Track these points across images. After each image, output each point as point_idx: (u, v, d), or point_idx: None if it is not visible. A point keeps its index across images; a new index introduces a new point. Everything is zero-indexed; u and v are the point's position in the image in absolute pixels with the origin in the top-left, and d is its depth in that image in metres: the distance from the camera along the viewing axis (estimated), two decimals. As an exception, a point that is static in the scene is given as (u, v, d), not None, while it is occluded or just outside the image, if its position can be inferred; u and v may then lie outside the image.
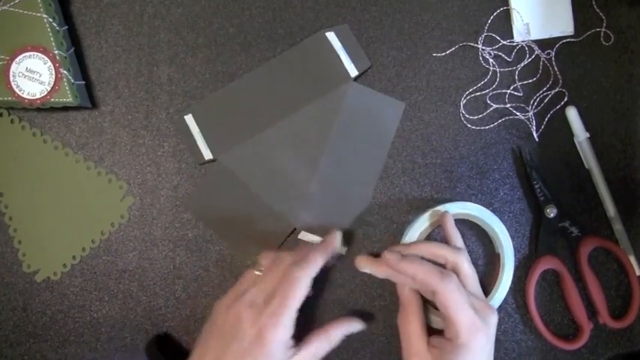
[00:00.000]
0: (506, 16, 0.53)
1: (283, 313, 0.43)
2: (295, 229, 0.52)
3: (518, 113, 0.52)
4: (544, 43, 0.53)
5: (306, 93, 0.52)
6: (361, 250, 0.52)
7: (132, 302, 0.53)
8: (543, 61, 0.53)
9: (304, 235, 0.52)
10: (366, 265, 0.48)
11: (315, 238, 0.52)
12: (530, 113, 0.52)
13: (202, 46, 0.53)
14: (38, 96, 0.50)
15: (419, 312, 0.46)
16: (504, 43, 0.53)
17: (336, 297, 0.52)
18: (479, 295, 0.47)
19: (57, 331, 0.53)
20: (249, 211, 0.52)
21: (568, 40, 0.53)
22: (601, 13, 0.53)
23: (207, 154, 0.53)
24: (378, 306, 0.52)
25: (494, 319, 0.45)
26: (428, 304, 0.50)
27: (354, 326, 0.48)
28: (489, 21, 0.53)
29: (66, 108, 0.53)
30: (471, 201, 0.52)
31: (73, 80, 0.50)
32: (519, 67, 0.53)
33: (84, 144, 0.53)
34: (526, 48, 0.53)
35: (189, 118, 0.53)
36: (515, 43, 0.53)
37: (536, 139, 0.52)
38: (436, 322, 0.49)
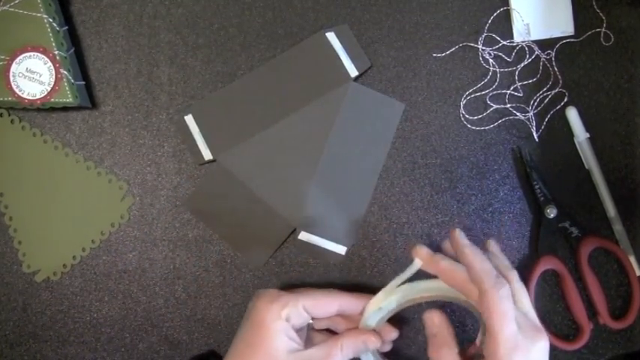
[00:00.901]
0: (507, 17, 0.53)
1: (285, 295, 0.45)
2: (295, 229, 0.52)
3: (518, 113, 0.52)
4: (544, 44, 0.53)
5: (306, 93, 0.52)
6: (360, 250, 0.53)
7: (132, 302, 0.53)
8: (543, 61, 0.53)
9: (304, 235, 0.52)
10: (422, 258, 0.44)
11: (315, 238, 0.52)
12: (530, 113, 0.52)
13: (202, 46, 0.53)
14: (38, 96, 0.50)
15: (452, 340, 0.42)
16: (504, 43, 0.53)
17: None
18: (529, 314, 0.42)
19: (57, 331, 0.53)
20: (249, 211, 0.52)
21: (568, 40, 0.53)
22: (601, 13, 0.53)
23: (207, 155, 0.53)
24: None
25: (540, 344, 0.40)
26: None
27: (371, 343, 0.45)
28: (489, 21, 0.53)
29: (66, 108, 0.53)
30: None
31: (73, 80, 0.50)
32: (519, 67, 0.53)
33: (84, 144, 0.53)
34: (526, 48, 0.53)
35: (189, 119, 0.53)
36: (515, 44, 0.53)
37: (536, 140, 0.52)
38: None
